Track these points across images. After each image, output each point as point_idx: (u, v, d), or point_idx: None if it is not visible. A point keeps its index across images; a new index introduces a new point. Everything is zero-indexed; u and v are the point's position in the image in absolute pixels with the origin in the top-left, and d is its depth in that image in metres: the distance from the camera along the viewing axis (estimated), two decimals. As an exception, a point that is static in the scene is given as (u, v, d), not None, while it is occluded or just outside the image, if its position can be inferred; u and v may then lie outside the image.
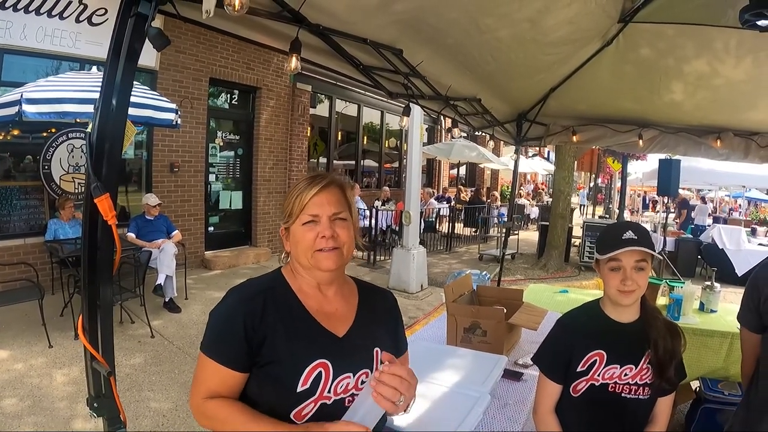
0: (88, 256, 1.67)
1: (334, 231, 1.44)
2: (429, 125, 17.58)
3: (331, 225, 1.44)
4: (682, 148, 5.38)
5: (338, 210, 1.46)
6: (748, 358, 2.19)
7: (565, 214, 11.52)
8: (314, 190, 1.44)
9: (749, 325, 2.13)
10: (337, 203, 1.47)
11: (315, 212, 1.44)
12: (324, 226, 1.43)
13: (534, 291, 5.08)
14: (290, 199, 1.48)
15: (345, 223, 1.48)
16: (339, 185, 1.51)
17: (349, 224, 1.49)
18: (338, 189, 1.50)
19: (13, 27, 6.53)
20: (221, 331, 1.40)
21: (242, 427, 1.33)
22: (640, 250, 1.81)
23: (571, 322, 2.06)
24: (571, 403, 1.97)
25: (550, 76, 4.28)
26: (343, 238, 1.46)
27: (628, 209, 21.96)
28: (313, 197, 1.44)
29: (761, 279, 2.07)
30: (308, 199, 1.44)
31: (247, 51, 9.81)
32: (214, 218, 10.09)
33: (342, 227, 1.46)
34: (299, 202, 1.45)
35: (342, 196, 1.50)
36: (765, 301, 1.99)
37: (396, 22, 2.86)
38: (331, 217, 1.45)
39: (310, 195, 1.44)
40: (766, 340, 2.03)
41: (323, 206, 1.44)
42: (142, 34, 1.57)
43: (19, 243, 6.99)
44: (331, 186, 1.48)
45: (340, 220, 1.47)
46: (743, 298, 2.16)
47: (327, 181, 1.48)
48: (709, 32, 3.24)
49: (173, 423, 4.02)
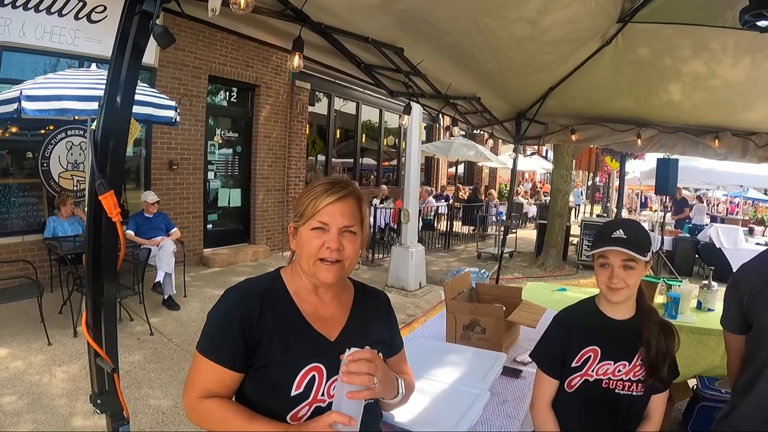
0: (92, 252, 1.68)
1: (340, 244, 1.42)
2: (427, 123, 17.59)
3: (339, 237, 1.43)
4: (681, 147, 5.39)
5: (350, 223, 1.44)
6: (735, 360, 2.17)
7: (564, 212, 11.53)
8: (330, 198, 1.42)
9: (734, 328, 2.09)
10: (351, 216, 1.45)
11: (326, 221, 1.42)
12: (332, 237, 1.42)
13: (532, 289, 5.08)
14: (304, 199, 1.46)
15: (353, 237, 1.46)
16: (356, 197, 1.48)
17: (358, 238, 1.48)
18: (355, 201, 1.48)
19: (12, 24, 6.52)
20: (219, 331, 1.40)
21: (237, 427, 1.34)
22: (624, 252, 1.82)
23: (566, 318, 2.07)
24: (565, 398, 1.98)
25: (549, 75, 4.28)
26: (348, 251, 1.44)
27: (626, 208, 21.96)
28: (328, 205, 1.42)
29: (741, 278, 2.03)
30: (322, 206, 1.42)
31: (246, 49, 9.81)
32: (212, 216, 10.10)
33: (350, 241, 1.45)
34: (313, 206, 1.43)
35: (357, 209, 1.48)
36: (748, 299, 1.97)
37: (397, 22, 2.87)
38: (341, 229, 1.43)
39: (325, 202, 1.42)
40: (751, 338, 2.01)
41: (336, 216, 1.42)
42: (146, 32, 1.57)
43: (18, 240, 6.99)
44: (349, 198, 1.46)
45: (350, 233, 1.45)
46: (725, 302, 2.13)
47: (345, 192, 1.45)
48: (706, 33, 3.24)
49: (173, 420, 4.04)
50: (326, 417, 1.28)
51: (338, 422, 1.26)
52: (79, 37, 7.16)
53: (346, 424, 1.26)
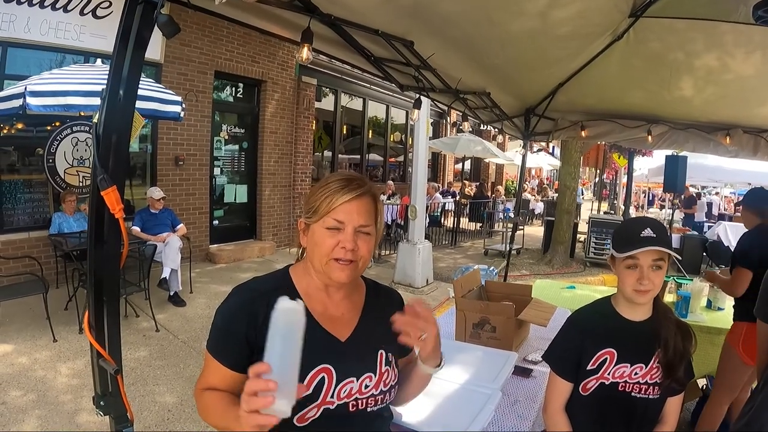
0: (94, 250, 1.64)
1: (355, 244, 1.37)
2: (434, 120, 17.54)
3: (355, 237, 1.37)
4: (691, 144, 5.32)
5: (366, 223, 1.39)
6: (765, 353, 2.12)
7: (571, 209, 11.45)
8: (347, 196, 1.37)
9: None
10: (367, 215, 1.40)
11: (342, 219, 1.37)
12: (347, 237, 1.36)
13: (540, 287, 5.03)
14: (318, 195, 1.40)
15: (368, 237, 1.41)
16: (373, 195, 1.43)
17: (372, 238, 1.43)
18: (371, 200, 1.42)
19: (17, 20, 6.51)
20: (223, 332, 1.38)
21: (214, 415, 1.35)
22: (658, 250, 1.77)
23: (581, 319, 2.02)
24: (580, 401, 1.93)
25: (559, 70, 4.23)
26: (362, 251, 1.39)
27: (633, 205, 21.87)
28: (345, 203, 1.36)
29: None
30: (338, 204, 1.36)
31: (252, 44, 9.78)
32: (218, 212, 10.08)
33: (365, 241, 1.40)
34: (327, 203, 1.37)
35: (373, 207, 1.43)
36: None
37: (407, 14, 2.83)
38: (357, 228, 1.38)
39: (341, 200, 1.36)
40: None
41: (352, 215, 1.37)
42: (150, 22, 1.52)
43: (24, 237, 6.99)
44: (365, 196, 1.40)
45: (365, 233, 1.40)
46: (762, 291, 2.10)
47: (363, 190, 1.40)
48: (719, 27, 3.18)
49: (178, 417, 4.01)
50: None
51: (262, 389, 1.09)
52: (84, 33, 7.15)
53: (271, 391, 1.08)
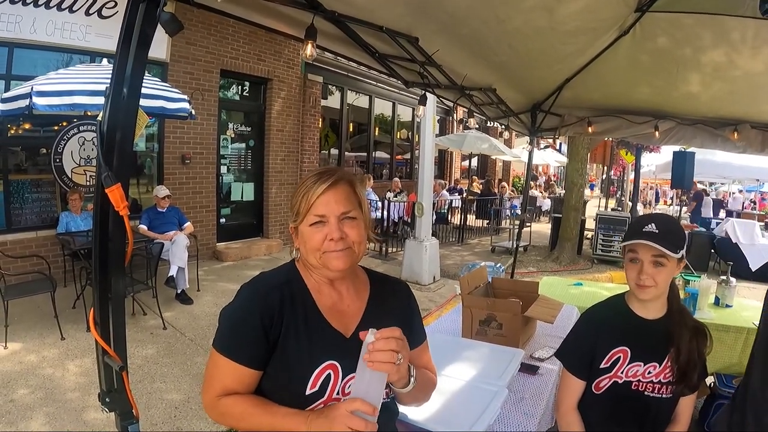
0: (99, 247, 1.64)
1: (342, 232, 1.38)
2: (441, 117, 17.51)
3: (340, 226, 1.38)
4: (699, 140, 5.28)
5: (347, 209, 1.40)
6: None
7: (578, 206, 11.39)
8: (321, 188, 1.37)
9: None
10: (346, 201, 1.40)
11: (322, 212, 1.37)
12: (332, 227, 1.37)
13: (548, 284, 5.01)
14: (297, 197, 1.42)
15: (354, 222, 1.41)
16: (348, 181, 1.43)
17: (360, 222, 1.43)
18: (347, 185, 1.42)
19: (23, 21, 6.54)
20: (238, 328, 1.36)
21: (257, 421, 1.31)
22: (654, 246, 1.74)
23: (595, 316, 2.00)
24: (593, 400, 1.92)
25: (566, 66, 4.19)
26: (352, 237, 1.39)
27: (641, 202, 21.78)
28: (320, 196, 1.37)
29: None
30: (315, 198, 1.37)
31: (257, 42, 9.79)
32: (225, 210, 10.10)
33: (351, 226, 1.40)
34: (306, 201, 1.39)
35: (351, 192, 1.43)
36: None
37: (412, 10, 2.82)
38: (340, 216, 1.38)
39: (317, 194, 1.37)
40: None
41: (330, 205, 1.38)
42: (154, 19, 1.52)
43: (32, 236, 7.03)
44: (340, 183, 1.40)
45: (349, 219, 1.40)
46: None
47: (335, 178, 1.40)
48: (726, 22, 3.15)
49: (185, 415, 4.02)
50: (349, 404, 1.21)
51: (362, 410, 1.20)
52: (90, 33, 7.17)
53: (370, 414, 1.19)
